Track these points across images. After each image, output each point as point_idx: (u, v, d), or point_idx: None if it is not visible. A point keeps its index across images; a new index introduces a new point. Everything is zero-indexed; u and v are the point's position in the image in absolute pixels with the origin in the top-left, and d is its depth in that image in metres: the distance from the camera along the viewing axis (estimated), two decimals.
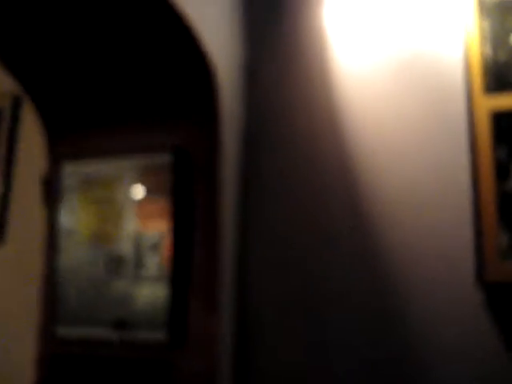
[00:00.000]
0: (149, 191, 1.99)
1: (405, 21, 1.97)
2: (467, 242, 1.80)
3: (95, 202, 2.07)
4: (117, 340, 1.95)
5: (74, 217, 2.10)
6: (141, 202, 2.00)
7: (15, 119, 2.73)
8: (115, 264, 1.99)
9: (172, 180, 1.94)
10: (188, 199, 1.93)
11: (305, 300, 1.94)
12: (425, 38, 1.94)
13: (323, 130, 2.00)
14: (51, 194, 2.16)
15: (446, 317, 1.80)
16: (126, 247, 1.99)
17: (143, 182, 2.00)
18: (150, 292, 1.93)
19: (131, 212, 2.00)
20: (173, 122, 1.96)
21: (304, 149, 2.00)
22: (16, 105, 2.73)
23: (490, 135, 1.80)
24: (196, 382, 1.84)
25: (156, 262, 1.95)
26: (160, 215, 1.95)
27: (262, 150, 2.06)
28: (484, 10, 1.86)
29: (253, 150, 2.07)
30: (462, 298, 1.79)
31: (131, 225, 2.00)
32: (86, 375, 1.99)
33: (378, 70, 1.98)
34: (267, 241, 2.01)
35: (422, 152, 1.88)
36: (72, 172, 2.12)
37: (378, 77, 1.97)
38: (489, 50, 1.84)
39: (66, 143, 2.17)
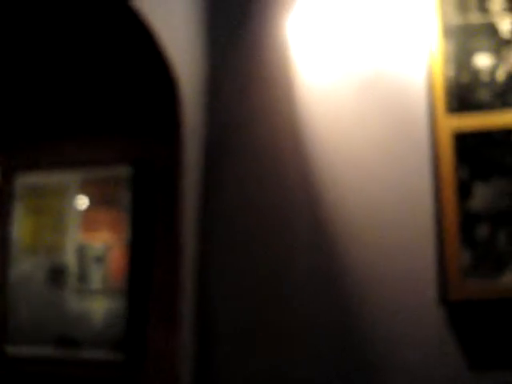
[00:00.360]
0: (97, 202, 1.95)
1: (369, 39, 1.98)
2: (431, 261, 1.80)
3: (42, 213, 2.00)
4: (66, 358, 1.86)
5: (22, 228, 2.02)
6: (87, 213, 1.95)
7: None
8: (59, 275, 1.92)
9: (132, 191, 1.88)
10: (148, 210, 1.87)
11: (266, 314, 1.90)
12: (388, 57, 1.95)
13: (286, 143, 1.98)
14: (1, 204, 2.06)
15: (410, 336, 1.79)
16: (69, 258, 1.93)
17: (91, 194, 1.95)
18: (99, 306, 1.87)
19: (76, 223, 1.95)
20: (134, 133, 1.90)
21: (266, 161, 1.97)
22: None
23: (453, 155, 1.82)
24: None
25: (101, 275, 1.89)
26: (107, 227, 1.91)
27: (224, 161, 2.01)
28: (448, 31, 1.89)
29: (215, 161, 2.02)
30: (426, 317, 1.79)
31: (75, 236, 1.94)
32: None
33: (341, 86, 1.98)
34: (228, 252, 1.96)
35: (386, 171, 1.89)
36: (23, 183, 2.05)
37: (342, 93, 1.97)
38: (452, 72, 1.86)
39: (19, 154, 2.08)
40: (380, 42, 1.97)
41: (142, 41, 1.78)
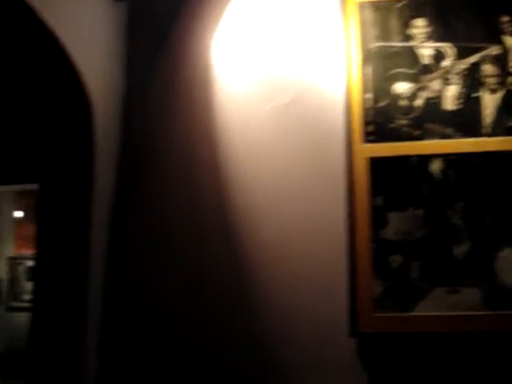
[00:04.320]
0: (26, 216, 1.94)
1: (292, 61, 1.94)
2: (344, 291, 1.75)
3: None
4: None
5: None
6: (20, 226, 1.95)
7: None
8: None
9: (39, 208, 1.85)
10: (56, 228, 1.82)
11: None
12: (310, 80, 1.91)
13: (203, 168, 1.92)
14: None
15: (321, 367, 1.75)
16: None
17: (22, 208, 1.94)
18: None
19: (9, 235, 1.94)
20: (45, 151, 1.86)
21: (180, 187, 1.92)
22: None
23: (369, 183, 1.77)
24: None
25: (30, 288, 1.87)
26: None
27: (139, 183, 1.96)
28: (368, 56, 1.84)
29: (128, 184, 1.96)
30: (338, 348, 1.75)
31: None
32: None
33: (262, 108, 1.93)
34: (139, 276, 1.91)
35: (300, 197, 1.84)
36: None
37: (262, 116, 1.92)
38: (370, 97, 1.82)
39: None
40: (302, 64, 1.93)
41: (56, 64, 1.75)
